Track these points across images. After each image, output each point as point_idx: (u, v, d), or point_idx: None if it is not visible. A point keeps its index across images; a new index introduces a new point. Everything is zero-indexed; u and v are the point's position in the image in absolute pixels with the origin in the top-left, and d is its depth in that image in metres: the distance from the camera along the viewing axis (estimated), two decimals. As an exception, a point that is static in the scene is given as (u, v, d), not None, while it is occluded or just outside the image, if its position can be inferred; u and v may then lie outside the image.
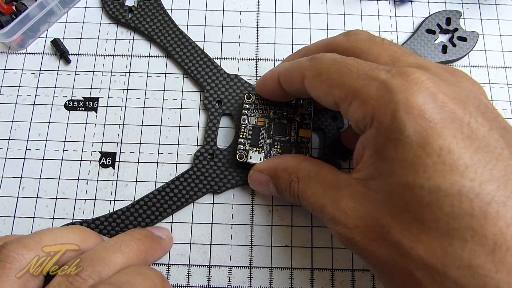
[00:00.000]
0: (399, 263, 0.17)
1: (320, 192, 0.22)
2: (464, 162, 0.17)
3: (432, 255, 0.17)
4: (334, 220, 0.20)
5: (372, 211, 0.19)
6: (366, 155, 0.20)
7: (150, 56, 0.32)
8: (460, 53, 0.31)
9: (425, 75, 0.18)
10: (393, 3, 0.34)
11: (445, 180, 0.16)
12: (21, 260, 0.21)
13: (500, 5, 0.33)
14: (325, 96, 0.22)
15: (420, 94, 0.18)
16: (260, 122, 0.27)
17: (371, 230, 0.19)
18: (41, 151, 0.30)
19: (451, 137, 0.17)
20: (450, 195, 0.16)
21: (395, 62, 0.21)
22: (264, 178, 0.25)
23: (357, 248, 0.19)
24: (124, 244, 0.23)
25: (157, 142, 0.30)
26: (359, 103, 0.19)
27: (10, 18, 0.31)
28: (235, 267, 0.27)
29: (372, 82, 0.19)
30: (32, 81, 0.31)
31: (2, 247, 0.21)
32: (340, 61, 0.21)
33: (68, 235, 0.23)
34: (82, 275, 0.20)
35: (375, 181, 0.19)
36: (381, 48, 0.22)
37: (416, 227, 0.17)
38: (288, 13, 0.33)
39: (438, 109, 0.17)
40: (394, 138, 0.18)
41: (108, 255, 0.21)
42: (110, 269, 0.21)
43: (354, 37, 0.23)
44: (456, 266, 0.16)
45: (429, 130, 0.17)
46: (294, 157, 0.25)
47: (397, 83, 0.18)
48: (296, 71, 0.23)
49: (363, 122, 0.20)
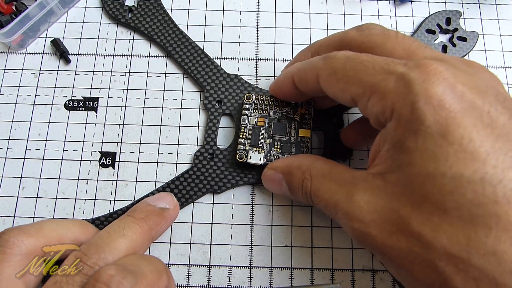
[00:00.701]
0: (420, 254, 0.17)
1: (334, 189, 0.21)
2: (486, 150, 0.17)
3: (455, 243, 0.16)
4: (348, 215, 0.20)
5: (390, 203, 0.18)
6: (384, 149, 0.20)
7: (150, 56, 0.32)
8: (460, 53, 0.31)
9: (443, 66, 0.18)
10: (393, 3, 0.34)
11: (467, 167, 0.17)
12: (21, 245, 0.21)
13: (500, 5, 0.33)
14: (342, 93, 0.22)
15: (439, 85, 0.18)
16: (260, 122, 0.27)
17: (389, 223, 0.18)
18: (41, 151, 0.30)
19: (471, 126, 0.17)
20: (473, 182, 0.16)
21: (410, 55, 0.21)
22: (277, 176, 0.25)
23: (373, 243, 0.19)
24: (127, 227, 0.23)
25: (157, 142, 0.30)
26: (378, 97, 0.19)
27: (10, 18, 0.30)
28: (235, 267, 0.27)
29: (389, 76, 0.19)
30: (32, 81, 0.31)
31: (2, 233, 0.21)
32: (354, 58, 0.21)
33: (68, 226, 0.23)
34: (88, 263, 0.20)
35: (393, 174, 0.19)
36: (395, 42, 0.22)
37: (438, 216, 0.17)
38: (288, 13, 0.33)
39: (457, 99, 0.18)
40: (414, 129, 0.18)
41: (112, 241, 0.22)
42: (115, 254, 0.21)
43: (368, 31, 0.23)
44: (481, 253, 0.16)
45: (449, 119, 0.17)
46: (308, 156, 0.25)
47: (415, 75, 0.18)
48: (310, 71, 0.23)
49: (383, 116, 0.20)
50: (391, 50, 0.22)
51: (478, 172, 0.16)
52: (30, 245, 0.21)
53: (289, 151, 0.27)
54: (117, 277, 0.19)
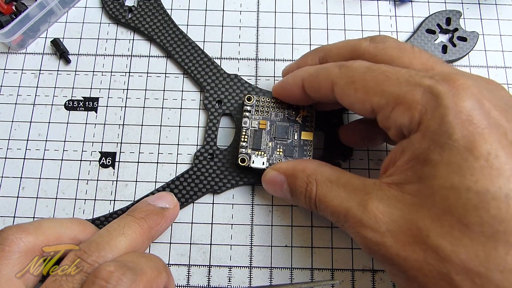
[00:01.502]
0: (436, 267, 0.17)
1: (344, 196, 0.21)
2: (511, 168, 0.17)
3: (474, 258, 0.16)
4: (361, 224, 0.19)
5: (408, 214, 0.18)
6: (402, 159, 0.19)
7: (150, 56, 0.32)
8: (460, 53, 0.31)
9: (470, 81, 0.18)
10: (393, 3, 0.34)
11: (493, 183, 0.17)
12: (20, 243, 0.21)
13: (500, 5, 0.33)
14: (360, 104, 0.21)
15: (468, 100, 0.18)
16: (261, 125, 0.27)
17: (406, 234, 0.18)
18: (41, 151, 0.30)
19: (497, 143, 0.17)
20: (497, 198, 0.16)
21: (428, 71, 0.21)
22: (280, 178, 0.24)
23: (387, 254, 0.19)
24: (127, 226, 0.23)
25: (157, 142, 0.30)
26: (404, 108, 0.19)
27: (10, 18, 0.31)
28: (235, 267, 0.27)
29: (416, 87, 0.19)
30: (32, 81, 0.31)
31: (1, 231, 0.21)
32: (375, 68, 0.21)
33: (67, 224, 0.23)
34: (88, 260, 0.21)
35: (412, 185, 0.19)
36: (412, 57, 0.22)
37: (459, 230, 0.17)
38: (288, 13, 0.33)
39: (484, 115, 0.18)
40: (441, 142, 0.18)
41: (112, 239, 0.22)
42: (115, 253, 0.21)
43: (382, 45, 0.23)
44: (500, 269, 0.16)
45: (476, 135, 0.17)
46: (314, 161, 0.25)
47: (444, 88, 0.18)
48: (324, 78, 0.23)
49: (408, 128, 0.19)
50: (408, 64, 0.22)
51: (503, 189, 0.16)
52: (28, 243, 0.21)
53: (292, 155, 0.26)
54: (116, 274, 0.19)
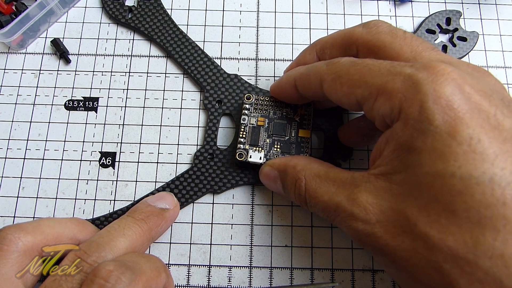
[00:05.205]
0: (425, 256, 0.17)
1: (333, 191, 0.21)
2: (494, 152, 0.17)
3: (462, 245, 0.16)
4: (352, 217, 0.20)
5: (395, 204, 0.18)
6: (387, 149, 0.20)
7: (150, 56, 0.32)
8: (460, 53, 0.31)
9: (450, 67, 0.18)
10: (393, 3, 0.34)
11: (476, 168, 0.16)
12: (18, 243, 0.21)
13: (500, 5, 0.33)
14: (346, 97, 0.21)
15: (448, 85, 0.18)
16: (260, 122, 0.27)
17: (395, 224, 0.18)
18: (41, 151, 0.30)
19: (479, 127, 0.17)
20: (481, 183, 0.16)
21: (417, 57, 0.21)
22: (273, 174, 0.25)
23: (377, 244, 0.19)
24: (127, 227, 0.23)
25: (157, 142, 0.30)
26: (385, 98, 0.19)
27: (10, 18, 0.31)
28: (235, 267, 0.27)
29: (396, 76, 0.19)
30: (32, 81, 0.31)
31: (0, 230, 0.21)
32: (359, 62, 0.21)
33: (66, 224, 0.23)
34: (88, 261, 0.21)
35: (399, 175, 0.19)
36: (403, 43, 0.22)
37: (446, 218, 0.17)
38: (288, 13, 0.33)
39: (465, 100, 0.18)
40: (422, 129, 0.18)
41: (112, 240, 0.22)
42: (115, 253, 0.21)
43: (375, 29, 0.23)
44: (488, 256, 0.16)
45: (457, 120, 0.17)
46: (305, 157, 0.25)
47: (423, 75, 0.18)
48: (313, 76, 0.23)
49: (390, 117, 0.19)
50: (398, 50, 0.22)
51: (487, 173, 0.16)
52: (27, 242, 0.21)
53: (289, 151, 0.27)
54: (115, 273, 0.19)
